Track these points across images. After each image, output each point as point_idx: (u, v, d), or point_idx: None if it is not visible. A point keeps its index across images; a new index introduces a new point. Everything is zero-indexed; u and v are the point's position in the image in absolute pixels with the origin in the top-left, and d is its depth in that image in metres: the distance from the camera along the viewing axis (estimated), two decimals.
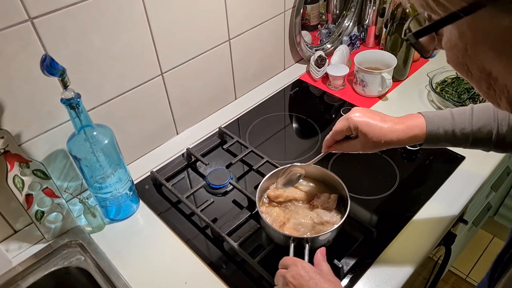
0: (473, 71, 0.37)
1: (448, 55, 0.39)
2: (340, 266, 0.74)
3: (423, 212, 0.86)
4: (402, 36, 0.43)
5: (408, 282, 0.77)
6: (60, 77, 0.66)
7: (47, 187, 0.79)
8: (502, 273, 0.39)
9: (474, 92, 1.09)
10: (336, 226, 0.72)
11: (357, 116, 0.67)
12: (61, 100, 0.68)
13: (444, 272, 1.28)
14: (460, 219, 0.98)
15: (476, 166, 0.95)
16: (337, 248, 0.79)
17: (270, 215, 0.78)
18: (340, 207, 0.79)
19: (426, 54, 0.47)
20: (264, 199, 0.82)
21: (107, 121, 0.83)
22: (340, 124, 0.70)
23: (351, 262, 0.77)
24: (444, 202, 0.88)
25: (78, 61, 0.78)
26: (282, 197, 0.80)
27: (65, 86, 0.67)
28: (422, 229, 0.83)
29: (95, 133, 0.76)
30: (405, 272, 0.76)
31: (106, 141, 0.77)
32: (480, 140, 0.65)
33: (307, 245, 0.70)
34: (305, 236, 0.72)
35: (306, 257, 0.68)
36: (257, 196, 0.78)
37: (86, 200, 0.82)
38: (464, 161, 0.96)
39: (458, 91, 1.13)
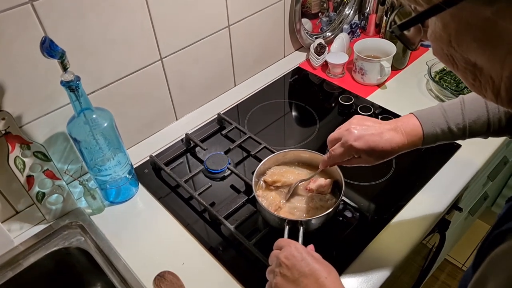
0: (458, 63, 0.38)
1: (434, 47, 0.39)
2: (334, 250, 0.75)
3: (417, 198, 0.87)
4: (388, 29, 0.44)
5: (401, 268, 0.79)
6: (60, 59, 0.67)
7: (47, 169, 0.81)
8: (483, 258, 0.40)
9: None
10: (330, 210, 0.73)
11: (357, 143, 0.65)
12: (61, 82, 0.69)
13: (440, 260, 1.30)
14: (455, 206, 0.99)
15: (472, 154, 0.95)
16: (331, 232, 0.81)
17: (267, 199, 0.79)
18: (335, 192, 0.80)
19: (411, 46, 0.47)
20: (261, 184, 0.83)
21: (106, 106, 0.84)
22: (340, 151, 0.67)
23: (345, 246, 0.78)
24: (439, 189, 0.89)
25: (77, 45, 0.79)
26: (279, 182, 0.81)
27: (64, 68, 0.68)
28: (416, 215, 0.84)
29: (94, 116, 0.77)
30: (398, 256, 0.77)
31: (105, 124, 0.78)
32: (477, 131, 0.65)
33: (301, 227, 0.71)
34: (299, 219, 0.74)
35: (300, 239, 0.69)
36: (253, 180, 0.79)
37: (86, 183, 0.83)
38: (460, 149, 0.97)
39: (456, 79, 1.13)
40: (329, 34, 1.34)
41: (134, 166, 0.96)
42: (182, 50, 0.98)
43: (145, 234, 0.84)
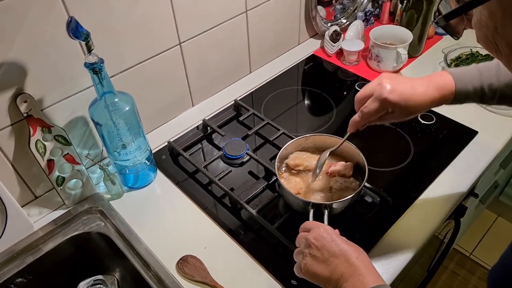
0: (502, 49, 0.38)
1: (478, 34, 0.39)
2: (356, 234, 0.75)
3: (436, 184, 0.87)
4: (432, 19, 0.45)
5: (419, 255, 0.79)
6: (85, 41, 0.66)
7: (68, 153, 0.80)
8: None
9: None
10: (354, 192, 0.73)
11: (392, 95, 0.63)
12: (85, 64, 0.69)
13: (451, 248, 1.30)
14: (471, 192, 0.99)
15: (489, 140, 0.95)
16: (353, 216, 0.80)
17: (289, 183, 0.79)
18: (356, 175, 0.80)
19: (456, 35, 0.47)
20: (283, 169, 0.83)
21: (125, 90, 0.83)
22: (374, 106, 0.65)
23: (367, 230, 0.78)
24: (457, 175, 0.89)
25: (99, 28, 0.78)
26: (302, 166, 0.81)
27: (89, 50, 0.67)
28: (435, 201, 0.84)
29: (116, 99, 0.76)
30: (417, 241, 0.78)
31: (127, 108, 0.77)
32: (507, 96, 0.64)
33: (326, 211, 0.71)
34: (324, 202, 0.74)
35: (326, 222, 0.69)
36: (276, 164, 0.79)
37: (107, 167, 0.83)
38: (477, 135, 0.97)
39: None
40: (344, 21, 1.33)
41: (152, 152, 0.96)
42: (200, 35, 0.97)
43: (165, 219, 0.83)
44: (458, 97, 0.65)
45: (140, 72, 0.90)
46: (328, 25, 1.29)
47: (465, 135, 0.97)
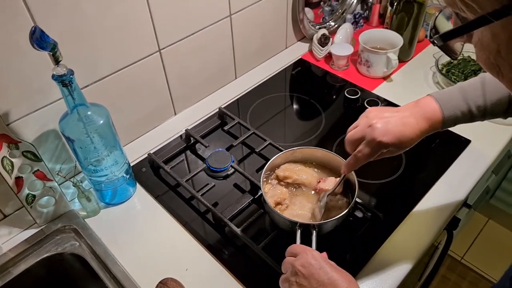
0: (504, 72, 0.35)
1: (478, 55, 0.37)
2: (346, 252, 0.71)
3: (429, 196, 0.84)
4: (428, 38, 0.42)
5: (414, 267, 0.76)
6: (51, 52, 0.60)
7: (38, 170, 0.75)
8: None
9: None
10: (344, 211, 0.69)
11: (386, 138, 0.60)
12: (53, 76, 0.63)
13: (444, 258, 1.28)
14: (464, 203, 0.96)
15: (482, 150, 0.93)
16: (343, 234, 0.77)
17: (275, 194, 0.75)
18: (346, 191, 0.76)
19: (454, 56, 0.44)
20: (270, 180, 0.78)
21: (101, 100, 0.78)
22: (368, 151, 0.62)
23: (358, 248, 0.75)
24: (450, 186, 0.86)
25: (70, 35, 0.73)
26: (291, 179, 0.77)
27: (56, 61, 0.62)
28: (428, 214, 0.81)
29: (89, 112, 0.71)
30: (411, 257, 0.74)
31: (101, 121, 0.72)
32: (497, 112, 0.62)
33: (314, 231, 0.67)
34: (312, 222, 0.69)
35: (314, 244, 0.65)
36: (262, 175, 0.74)
37: (80, 184, 0.78)
38: (470, 144, 0.94)
39: (464, 72, 1.09)
40: (333, 24, 1.29)
41: (131, 165, 0.91)
42: (181, 41, 0.92)
43: (144, 238, 0.79)
44: (447, 123, 0.63)
45: (116, 81, 0.85)
46: (316, 28, 1.25)
47: (458, 144, 0.94)
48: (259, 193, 0.83)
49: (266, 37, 1.15)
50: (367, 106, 1.03)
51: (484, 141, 0.94)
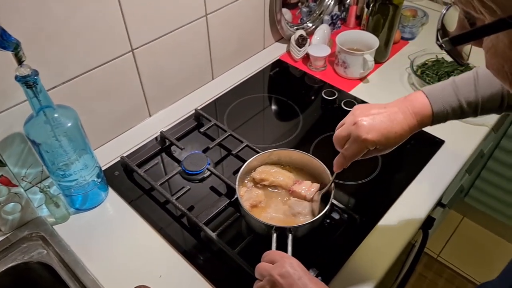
0: None
1: (490, 61, 0.33)
2: (323, 255, 0.70)
3: (404, 197, 0.85)
4: (435, 41, 0.38)
5: (391, 267, 0.76)
6: (14, 51, 0.57)
7: (2, 175, 0.71)
8: None
9: (455, 76, 1.08)
10: (320, 214, 0.68)
11: (371, 135, 0.58)
12: (16, 77, 0.60)
13: (420, 257, 1.29)
14: (439, 203, 0.98)
15: (455, 150, 0.94)
16: (320, 236, 0.76)
17: (250, 196, 0.74)
18: (323, 195, 0.76)
19: (462, 61, 0.40)
20: (247, 182, 0.77)
21: (71, 102, 0.75)
22: (354, 148, 0.60)
23: (334, 250, 0.74)
24: (425, 186, 0.87)
25: (35, 34, 0.69)
26: (267, 181, 0.76)
27: (19, 61, 0.59)
28: (404, 214, 0.81)
29: (56, 115, 0.68)
30: (388, 258, 0.75)
31: (69, 124, 0.69)
32: (489, 108, 0.61)
33: (290, 234, 0.66)
34: (288, 226, 0.69)
35: (289, 248, 0.64)
36: (238, 178, 0.73)
37: (48, 189, 0.74)
38: (444, 145, 0.95)
39: (438, 74, 1.11)
40: (310, 25, 1.29)
41: (103, 168, 0.88)
42: (155, 41, 0.90)
43: (116, 244, 0.76)
44: (437, 119, 0.61)
45: (87, 82, 0.82)
46: (294, 28, 1.24)
47: (432, 145, 0.95)
48: (235, 196, 0.81)
49: (244, 37, 1.14)
50: (344, 107, 1.03)
51: (457, 142, 0.95)
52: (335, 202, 0.79)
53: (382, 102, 0.66)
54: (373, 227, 0.79)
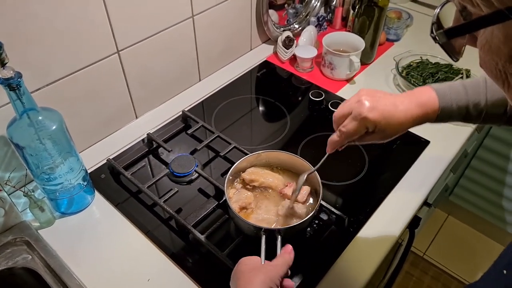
0: (511, 81, 0.31)
1: (484, 59, 0.32)
2: (312, 256, 0.71)
3: (391, 197, 0.86)
4: (430, 34, 0.36)
5: (379, 266, 0.77)
6: None
7: None
8: None
9: (439, 77, 1.10)
10: (308, 216, 0.69)
11: (372, 114, 0.57)
12: None
13: (407, 255, 1.31)
14: (425, 202, 0.99)
15: (440, 150, 0.96)
16: (309, 236, 0.76)
17: (240, 198, 0.74)
18: (312, 195, 0.76)
19: (456, 57, 0.39)
20: (236, 184, 0.77)
21: (55, 104, 0.74)
22: (353, 125, 0.59)
23: (324, 250, 0.74)
24: (411, 187, 0.88)
25: (18, 36, 0.68)
26: (257, 182, 0.76)
27: (2, 63, 0.58)
28: (391, 214, 0.82)
29: (40, 117, 0.67)
30: (376, 257, 0.75)
31: (53, 127, 0.68)
32: (493, 115, 0.60)
33: (279, 236, 0.66)
34: (275, 227, 0.69)
35: (279, 249, 0.64)
36: (227, 179, 0.73)
37: (32, 193, 0.73)
38: (429, 145, 0.97)
39: (423, 75, 1.12)
40: (297, 26, 1.29)
41: (89, 171, 0.87)
42: (141, 42, 0.89)
43: (103, 248, 0.75)
44: (441, 115, 0.60)
45: (72, 84, 0.80)
46: (281, 30, 1.25)
47: (418, 145, 0.96)
48: (223, 198, 0.81)
49: (231, 38, 1.14)
50: (331, 108, 1.04)
51: (442, 142, 0.97)
52: (323, 203, 0.79)
53: None
54: (361, 228, 0.79)
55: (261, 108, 1.08)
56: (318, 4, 1.31)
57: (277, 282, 0.55)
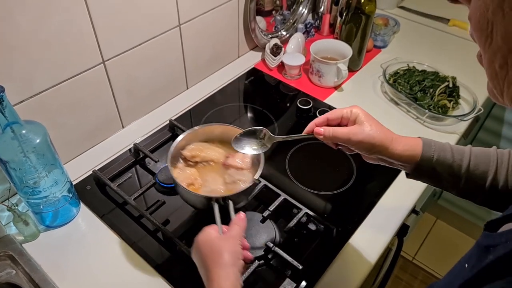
0: (495, 37, 0.30)
1: (473, 9, 0.31)
2: (300, 267, 0.71)
3: (379, 206, 0.86)
4: None
5: (368, 274, 0.77)
6: None
7: None
8: None
9: (425, 85, 1.11)
10: (256, 176, 0.70)
11: (359, 109, 0.61)
12: None
13: (396, 262, 1.32)
14: (412, 210, 1.00)
15: None
16: (297, 247, 0.76)
17: (185, 176, 0.74)
18: (254, 164, 0.76)
19: None
20: (178, 164, 0.77)
21: (39, 116, 0.73)
22: (338, 109, 0.62)
23: (311, 261, 0.74)
24: (399, 195, 0.88)
25: (1, 48, 0.67)
26: (198, 157, 0.76)
27: None
28: (379, 223, 0.83)
29: (24, 131, 0.66)
30: (365, 266, 0.75)
31: (38, 140, 0.67)
32: (474, 181, 0.59)
33: (230, 202, 0.67)
34: (225, 195, 0.69)
35: (232, 214, 0.65)
36: (168, 160, 0.73)
37: (16, 207, 0.72)
38: None
39: (410, 83, 1.13)
40: (284, 33, 1.30)
41: (74, 183, 0.86)
42: (127, 52, 0.88)
43: (89, 261, 0.74)
44: (421, 163, 0.60)
45: (56, 95, 0.79)
46: (269, 37, 1.25)
47: None
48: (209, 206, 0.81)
49: (218, 46, 1.13)
50: (319, 116, 1.04)
51: None
52: (310, 212, 0.79)
53: None
54: (349, 237, 0.79)
55: (249, 116, 1.08)
56: (306, 11, 1.31)
57: (241, 252, 0.57)
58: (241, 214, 0.63)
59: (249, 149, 0.69)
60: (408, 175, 0.66)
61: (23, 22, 0.68)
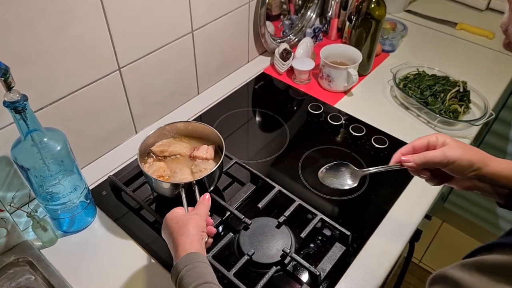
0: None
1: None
2: (318, 273, 0.71)
3: (392, 211, 0.87)
4: None
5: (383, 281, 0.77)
6: (3, 77, 0.56)
7: None
8: None
9: (436, 89, 1.11)
10: (219, 163, 0.78)
11: (443, 134, 0.63)
12: (4, 103, 0.58)
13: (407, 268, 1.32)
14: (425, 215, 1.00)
15: None
16: (313, 253, 0.77)
17: (155, 170, 0.80)
18: (218, 155, 0.84)
19: None
20: (148, 159, 0.84)
21: (57, 122, 0.74)
22: (422, 137, 0.64)
23: (328, 267, 0.75)
24: (412, 200, 0.89)
25: (22, 57, 0.68)
26: (166, 152, 0.84)
27: (8, 87, 0.57)
28: (393, 229, 0.83)
29: (45, 139, 0.66)
30: (381, 272, 0.76)
31: (58, 147, 0.68)
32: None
33: (196, 187, 0.73)
34: (191, 180, 0.75)
35: (198, 197, 0.72)
36: (138, 155, 0.78)
37: (35, 213, 0.72)
38: None
39: (420, 87, 1.14)
40: (293, 37, 1.30)
41: (90, 188, 0.86)
42: (142, 58, 0.89)
43: (106, 266, 0.75)
44: (489, 171, 0.59)
45: (73, 102, 0.80)
46: (277, 42, 1.26)
47: None
48: (227, 214, 0.81)
49: (228, 51, 1.14)
50: (331, 121, 1.05)
51: None
52: (326, 219, 0.79)
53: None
54: (365, 243, 0.80)
55: (259, 121, 1.09)
56: (314, 15, 1.32)
57: (204, 226, 0.63)
58: (206, 194, 0.69)
59: (339, 185, 0.75)
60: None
61: (43, 31, 0.69)
